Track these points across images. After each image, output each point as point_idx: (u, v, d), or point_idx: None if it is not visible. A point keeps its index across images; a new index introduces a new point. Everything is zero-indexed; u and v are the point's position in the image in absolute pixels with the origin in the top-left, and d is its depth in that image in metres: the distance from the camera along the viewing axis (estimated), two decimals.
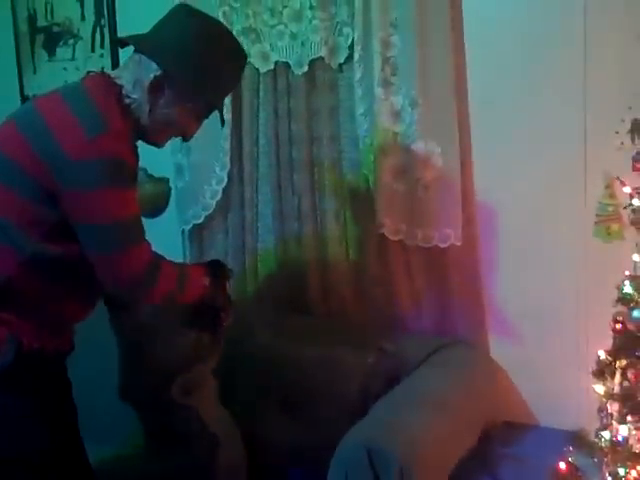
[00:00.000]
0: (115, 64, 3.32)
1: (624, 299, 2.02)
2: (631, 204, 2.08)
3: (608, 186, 2.54)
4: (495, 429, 2.68)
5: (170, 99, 1.98)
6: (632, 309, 1.99)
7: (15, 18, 3.65)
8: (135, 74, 1.97)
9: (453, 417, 2.44)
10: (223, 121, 2.17)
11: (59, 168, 1.81)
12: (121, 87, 1.97)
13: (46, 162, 1.82)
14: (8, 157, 1.87)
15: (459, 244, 2.76)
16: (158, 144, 2.10)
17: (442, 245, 2.77)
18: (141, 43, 2.00)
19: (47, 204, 1.85)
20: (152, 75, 1.95)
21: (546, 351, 2.75)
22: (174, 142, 3.14)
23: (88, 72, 2.06)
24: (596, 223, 2.59)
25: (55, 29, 3.54)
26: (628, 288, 2.02)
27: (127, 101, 1.97)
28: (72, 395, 2.09)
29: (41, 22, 3.58)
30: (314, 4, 2.87)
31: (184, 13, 2.04)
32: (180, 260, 3.20)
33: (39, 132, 1.85)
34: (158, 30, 2.01)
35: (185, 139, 2.17)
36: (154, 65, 1.95)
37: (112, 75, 2.01)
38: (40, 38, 3.60)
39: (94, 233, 1.85)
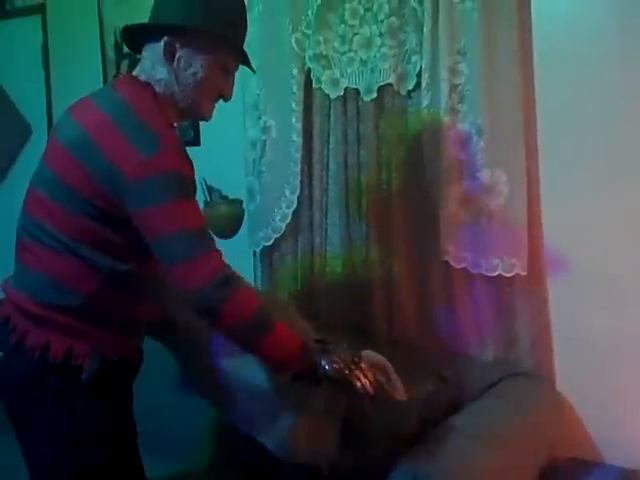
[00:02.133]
0: None
1: None
2: None
3: None
4: (559, 465, 2.62)
5: (188, 56, 1.96)
6: None
7: (103, 45, 3.79)
8: (151, 59, 1.99)
9: (512, 450, 2.40)
10: (253, 69, 2.21)
11: (123, 191, 1.83)
12: (148, 83, 1.98)
13: (107, 187, 1.85)
14: (69, 185, 1.90)
15: (524, 274, 2.72)
16: (204, 116, 2.09)
17: (507, 274, 2.73)
18: (141, 25, 2.03)
19: (113, 228, 1.90)
20: (161, 43, 1.95)
21: (615, 385, 2.68)
22: (246, 165, 3.25)
23: (115, 75, 2.11)
24: None
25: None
26: None
27: (158, 91, 1.97)
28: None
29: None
30: (383, 32, 2.89)
31: None
32: (251, 281, 3.26)
33: (95, 159, 1.86)
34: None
35: (225, 99, 2.09)
36: (160, 37, 1.96)
37: (136, 74, 2.02)
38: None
39: (161, 245, 1.85)
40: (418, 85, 2.86)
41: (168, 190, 1.82)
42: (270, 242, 3.24)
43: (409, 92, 2.91)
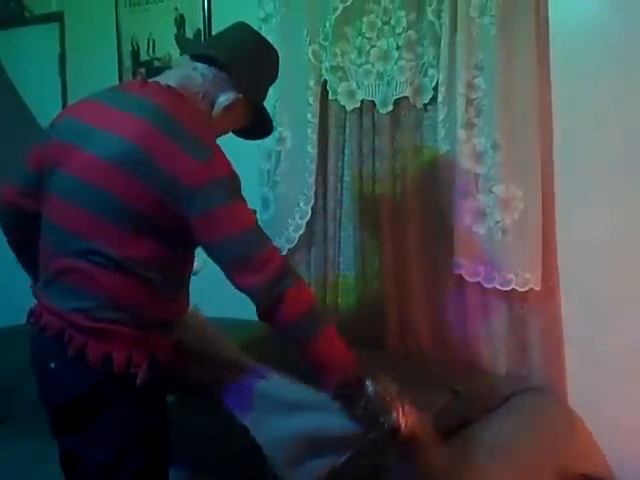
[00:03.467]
0: None
1: None
2: None
3: None
4: None
5: (239, 116, 2.07)
6: None
7: (120, 53, 3.82)
8: (201, 88, 2.00)
9: (523, 466, 2.39)
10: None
11: (186, 200, 1.83)
12: (186, 98, 1.98)
13: (167, 200, 1.84)
14: (126, 203, 1.87)
15: (538, 289, 2.72)
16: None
17: (520, 289, 2.73)
18: (222, 62, 2.02)
19: (165, 242, 1.89)
20: (231, 97, 2.01)
21: (627, 401, 2.68)
22: (261, 175, 3.26)
23: (134, 78, 2.10)
24: None
25: (156, 63, 3.68)
26: None
27: (198, 109, 2.00)
28: None
29: (143, 57, 3.73)
30: (401, 45, 2.90)
31: (240, 28, 2.10)
32: None
33: (152, 173, 1.84)
34: (226, 46, 2.06)
35: None
36: (230, 87, 2.01)
37: (172, 85, 1.99)
38: (142, 72, 3.74)
39: (228, 246, 1.85)
40: (434, 99, 2.87)
41: (230, 192, 1.85)
42: (284, 253, 3.24)
43: (425, 105, 2.92)
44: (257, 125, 2.18)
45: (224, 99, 2.01)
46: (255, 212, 1.94)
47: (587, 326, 2.74)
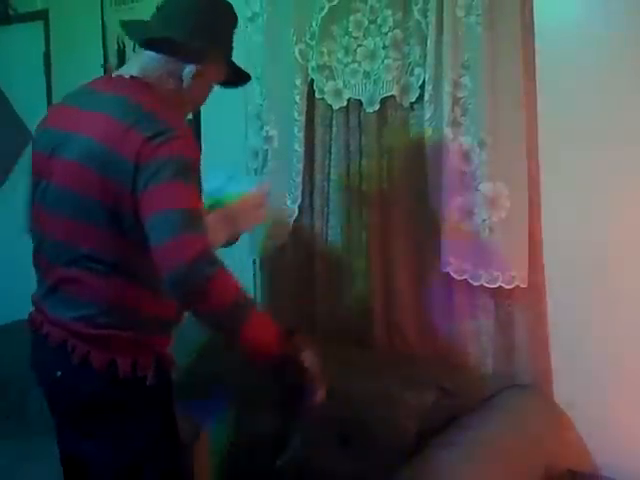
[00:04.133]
0: None
1: None
2: None
3: None
4: (556, 477, 2.63)
5: (213, 73, 2.10)
6: None
7: (105, 52, 3.82)
8: (163, 69, 2.02)
9: (510, 462, 2.41)
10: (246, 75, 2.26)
11: (135, 180, 1.83)
12: (150, 84, 2.00)
13: (121, 183, 1.84)
14: (99, 202, 1.89)
15: (524, 286, 2.74)
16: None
17: (507, 286, 2.75)
18: (169, 46, 2.02)
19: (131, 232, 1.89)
20: (190, 70, 2.03)
21: (612, 398, 2.69)
22: (249, 174, 3.27)
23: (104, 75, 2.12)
24: None
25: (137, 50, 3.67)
26: None
27: (167, 94, 2.02)
28: None
29: (129, 55, 3.71)
30: (387, 44, 2.91)
31: None
32: (251, 290, 3.27)
33: (116, 165, 1.86)
34: (174, 19, 2.05)
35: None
36: (191, 56, 2.03)
37: (135, 75, 2.02)
38: (111, 66, 3.74)
39: (158, 221, 1.80)
40: (421, 97, 2.87)
41: (177, 171, 1.82)
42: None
43: (412, 104, 2.93)
44: (237, 72, 2.20)
45: (188, 71, 2.03)
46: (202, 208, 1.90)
47: (572, 323, 2.75)
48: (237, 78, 2.21)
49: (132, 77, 2.01)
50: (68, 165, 1.93)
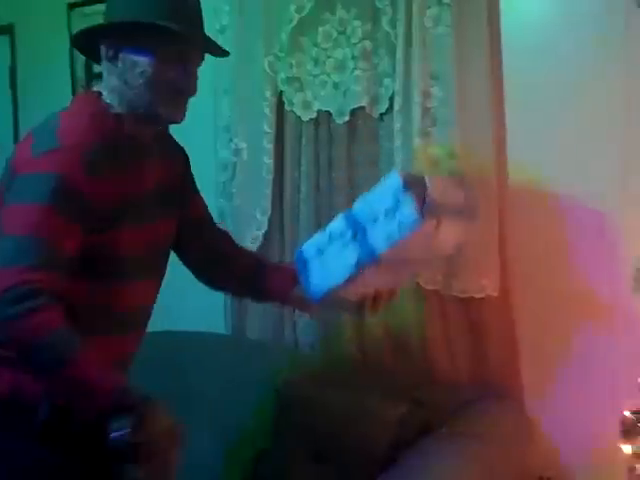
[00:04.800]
0: None
1: None
2: None
3: None
4: None
5: (131, 55, 1.81)
6: None
7: (72, 65, 3.77)
8: (104, 67, 1.88)
9: (482, 470, 2.41)
10: (221, 53, 2.00)
11: (8, 186, 1.72)
12: (95, 92, 1.90)
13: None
14: None
15: (495, 294, 2.74)
16: (169, 118, 1.90)
17: (478, 296, 2.75)
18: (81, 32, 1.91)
19: None
20: (104, 47, 1.83)
21: (582, 405, 2.71)
22: (217, 187, 3.25)
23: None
24: (636, 279, 2.56)
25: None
26: None
27: (112, 102, 1.85)
28: None
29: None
30: (356, 55, 2.92)
31: None
32: (222, 304, 3.25)
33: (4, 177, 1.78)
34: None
35: (186, 94, 1.89)
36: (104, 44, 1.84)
37: (97, 89, 1.93)
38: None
39: None
40: (391, 108, 2.88)
41: (36, 192, 1.65)
42: None
43: (382, 115, 2.94)
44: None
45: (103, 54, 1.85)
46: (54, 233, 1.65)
47: (543, 331, 2.77)
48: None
49: (94, 91, 1.94)
50: None
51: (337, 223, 1.89)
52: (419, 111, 2.76)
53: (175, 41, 1.82)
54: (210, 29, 2.73)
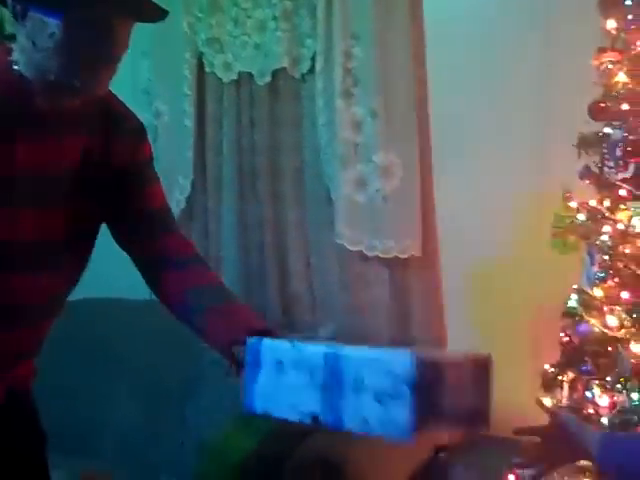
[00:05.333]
0: None
1: (569, 313, 2.02)
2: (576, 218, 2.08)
3: (565, 198, 2.55)
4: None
5: (40, 14, 1.52)
6: (578, 323, 2.00)
7: None
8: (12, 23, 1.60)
9: None
10: (151, 19, 1.60)
11: None
12: (7, 46, 1.60)
13: None
14: None
15: (419, 255, 2.76)
16: (88, 90, 1.58)
17: (402, 256, 2.77)
18: None
19: None
20: (10, 1, 1.54)
21: (502, 363, 2.74)
22: None
23: None
24: (553, 235, 2.59)
25: None
26: (573, 302, 2.02)
27: (15, 60, 1.59)
28: None
29: None
30: (277, 15, 2.89)
31: None
32: None
33: None
34: None
35: (109, 60, 1.54)
36: None
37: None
38: None
39: None
40: (312, 69, 2.86)
41: None
42: None
43: (303, 75, 2.92)
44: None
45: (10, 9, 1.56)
46: None
47: (465, 290, 2.80)
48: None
49: (7, 46, 1.64)
50: None
51: (314, 353, 1.47)
52: (341, 71, 2.75)
53: (92, 3, 1.51)
54: None
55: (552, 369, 2.06)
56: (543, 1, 2.57)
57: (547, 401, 2.08)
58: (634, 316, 1.87)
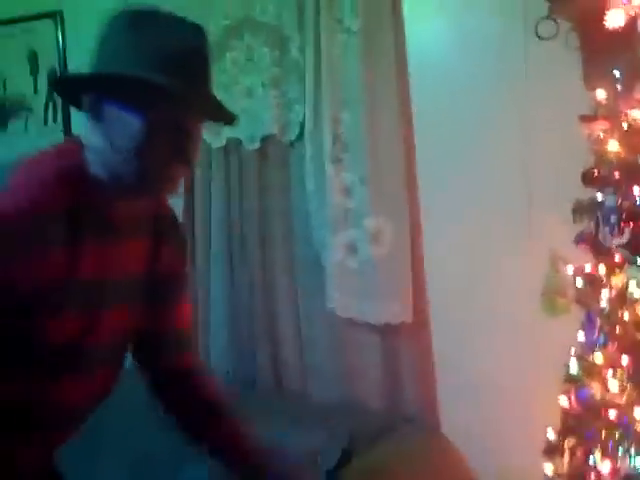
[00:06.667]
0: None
1: (571, 378, 2.02)
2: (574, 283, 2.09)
3: (554, 261, 2.56)
4: None
5: (121, 114, 1.46)
6: (579, 389, 1.99)
7: None
8: (86, 122, 1.53)
9: None
10: (231, 121, 1.62)
11: None
12: (82, 145, 1.54)
13: None
14: None
15: (410, 321, 2.75)
16: (165, 190, 1.55)
17: (393, 322, 2.76)
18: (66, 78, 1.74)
19: None
20: (87, 99, 1.50)
21: (497, 427, 2.73)
22: None
23: None
24: (543, 296, 2.59)
25: (8, 103, 3.54)
26: (574, 368, 2.02)
27: (90, 158, 1.52)
28: None
29: None
30: (266, 82, 2.91)
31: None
32: None
33: None
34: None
35: (185, 163, 1.49)
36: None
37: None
38: None
39: None
40: (301, 135, 2.88)
41: None
42: None
43: (292, 142, 2.93)
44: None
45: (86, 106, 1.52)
46: None
47: (457, 356, 2.78)
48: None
49: (79, 141, 1.57)
50: None
51: None
52: (329, 137, 2.77)
53: (178, 104, 1.47)
54: None
55: (553, 435, 2.05)
56: (521, 60, 2.60)
57: (549, 468, 2.06)
58: (635, 380, 1.87)
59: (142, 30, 1.46)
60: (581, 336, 2.07)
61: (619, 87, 2.00)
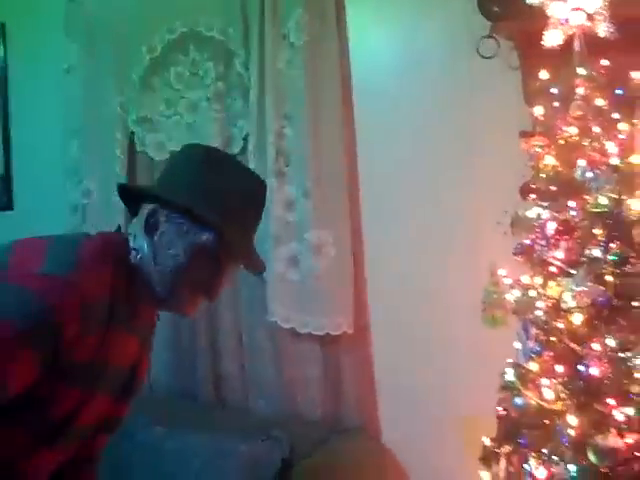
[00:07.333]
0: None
1: (507, 387, 2.06)
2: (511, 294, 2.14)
3: (493, 274, 2.61)
4: None
5: (172, 234, 1.59)
6: (514, 396, 2.03)
7: None
8: (137, 226, 1.65)
9: None
10: (258, 266, 1.70)
11: None
12: (126, 241, 1.65)
13: None
14: None
15: (351, 332, 2.79)
16: (183, 310, 1.67)
17: (334, 333, 2.79)
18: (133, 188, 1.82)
19: None
20: (145, 211, 1.62)
21: (435, 436, 2.77)
22: (68, 230, 3.15)
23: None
24: (483, 310, 2.65)
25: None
26: (510, 376, 2.06)
27: (132, 257, 1.62)
28: None
29: None
30: (210, 96, 2.93)
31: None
32: None
33: None
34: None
35: (210, 298, 1.64)
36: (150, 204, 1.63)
37: (124, 232, 1.72)
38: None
39: None
40: (245, 149, 2.91)
41: (9, 304, 1.45)
42: None
43: (235, 155, 2.94)
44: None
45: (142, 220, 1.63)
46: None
47: (397, 367, 2.82)
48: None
49: (124, 238, 1.68)
50: None
51: None
52: (273, 151, 2.80)
53: (223, 245, 1.59)
54: (56, 69, 2.67)
55: (490, 443, 2.09)
56: (465, 77, 2.66)
57: (485, 475, 2.10)
58: (569, 388, 1.93)
59: (215, 170, 1.63)
60: (517, 345, 2.11)
61: (556, 104, 2.06)
